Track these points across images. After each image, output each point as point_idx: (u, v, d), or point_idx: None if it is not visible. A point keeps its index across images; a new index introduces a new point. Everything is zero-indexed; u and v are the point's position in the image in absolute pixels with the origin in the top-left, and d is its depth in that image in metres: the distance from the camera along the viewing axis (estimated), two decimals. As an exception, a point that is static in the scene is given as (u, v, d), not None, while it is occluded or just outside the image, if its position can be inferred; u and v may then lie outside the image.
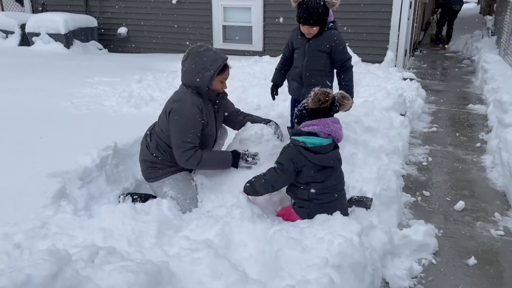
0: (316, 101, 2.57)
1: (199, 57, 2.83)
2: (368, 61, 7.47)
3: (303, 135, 2.63)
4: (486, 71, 6.83)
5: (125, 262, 1.80)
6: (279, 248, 2.16)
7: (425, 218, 3.21)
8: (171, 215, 2.51)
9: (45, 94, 5.17)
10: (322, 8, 3.24)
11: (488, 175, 3.99)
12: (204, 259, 2.06)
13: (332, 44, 3.39)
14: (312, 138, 2.60)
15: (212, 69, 2.82)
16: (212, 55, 2.84)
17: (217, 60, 2.84)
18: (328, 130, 2.59)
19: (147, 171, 3.04)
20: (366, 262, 2.21)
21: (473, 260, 2.73)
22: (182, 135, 2.78)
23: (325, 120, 2.61)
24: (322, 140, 2.60)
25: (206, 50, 2.85)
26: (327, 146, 2.62)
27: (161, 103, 4.78)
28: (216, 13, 8.85)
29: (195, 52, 2.85)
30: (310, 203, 2.62)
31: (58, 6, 9.98)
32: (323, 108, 2.62)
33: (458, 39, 11.06)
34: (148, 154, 2.98)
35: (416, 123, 5.31)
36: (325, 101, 2.58)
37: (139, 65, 7.46)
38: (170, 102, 2.92)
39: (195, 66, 2.82)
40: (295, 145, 2.62)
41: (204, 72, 2.81)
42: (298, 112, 2.72)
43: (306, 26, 3.33)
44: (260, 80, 5.50)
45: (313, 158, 2.57)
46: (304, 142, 2.59)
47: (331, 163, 2.64)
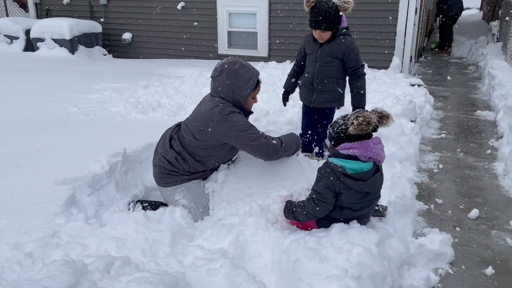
0: (359, 130, 2.35)
1: (234, 75, 2.76)
2: (374, 67, 7.45)
3: (341, 157, 2.44)
4: (493, 77, 6.79)
5: (142, 273, 1.75)
6: (297, 258, 2.11)
7: (439, 226, 3.17)
8: (184, 224, 2.47)
9: (52, 99, 5.14)
10: (334, 13, 3.21)
11: (501, 182, 3.94)
12: (220, 270, 2.02)
13: (344, 50, 3.36)
14: (351, 162, 2.40)
15: (248, 88, 2.79)
16: (247, 73, 2.79)
17: (252, 78, 2.80)
18: (370, 153, 2.39)
19: (160, 176, 2.97)
20: (385, 273, 2.16)
21: (491, 270, 2.68)
22: (247, 130, 2.69)
23: (366, 142, 2.39)
24: (362, 166, 2.41)
25: (240, 67, 2.79)
26: (367, 172, 2.43)
27: (169, 109, 4.76)
28: (221, 18, 8.84)
29: (229, 70, 2.77)
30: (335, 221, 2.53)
31: (62, 12, 9.99)
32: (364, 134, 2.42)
33: (463, 45, 11.04)
34: (165, 161, 2.92)
35: (425, 129, 5.27)
36: (367, 129, 2.36)
37: (144, 70, 7.43)
38: (218, 113, 2.72)
39: (230, 84, 2.76)
40: (333, 170, 2.43)
41: (240, 92, 2.78)
42: (335, 134, 2.49)
43: (318, 31, 3.30)
44: (268, 86, 5.46)
45: (353, 185, 2.40)
46: (343, 167, 2.40)
47: (372, 189, 2.48)
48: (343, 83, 3.55)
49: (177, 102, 4.98)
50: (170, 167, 2.90)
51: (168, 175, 2.92)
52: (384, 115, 2.39)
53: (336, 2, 3.21)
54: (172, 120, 4.11)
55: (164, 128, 3.20)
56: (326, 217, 2.52)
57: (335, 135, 2.49)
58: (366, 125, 2.32)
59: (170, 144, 2.94)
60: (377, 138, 2.47)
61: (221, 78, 2.78)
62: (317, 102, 3.59)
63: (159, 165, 2.96)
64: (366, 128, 2.33)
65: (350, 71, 3.44)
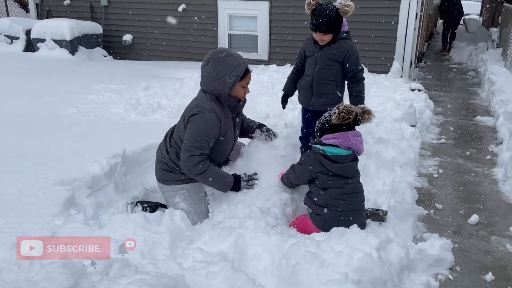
0: (340, 119, 2.63)
1: (220, 63, 2.76)
2: (374, 72, 7.46)
3: (324, 146, 2.69)
4: (493, 83, 6.80)
5: (141, 276, 1.74)
6: (297, 262, 2.10)
7: (439, 231, 3.15)
8: (184, 226, 2.45)
9: (51, 100, 5.14)
10: (335, 15, 3.21)
11: (501, 188, 3.93)
12: (220, 273, 2.00)
13: (345, 54, 3.35)
14: (332, 148, 2.67)
15: (234, 75, 2.76)
16: (233, 61, 2.78)
17: (239, 66, 2.78)
18: (348, 143, 2.65)
19: (162, 172, 2.96)
20: (386, 278, 2.15)
21: (491, 276, 2.67)
22: (194, 139, 2.71)
23: (346, 133, 2.67)
24: (341, 151, 2.67)
25: (227, 56, 2.79)
26: (345, 156, 2.67)
27: (169, 111, 4.76)
28: (222, 21, 8.84)
29: (215, 58, 2.78)
30: (327, 210, 2.60)
31: (63, 13, 9.99)
32: (345, 123, 2.67)
33: (462, 50, 11.06)
34: (168, 159, 2.91)
35: (424, 134, 5.26)
36: (348, 118, 2.63)
37: (144, 72, 7.43)
38: (189, 109, 2.85)
39: (215, 72, 2.76)
40: (314, 152, 2.71)
41: (225, 79, 2.75)
42: (320, 125, 2.79)
43: (319, 33, 3.30)
44: (268, 89, 5.46)
45: (330, 166, 2.64)
46: (323, 150, 2.66)
47: (347, 173, 2.68)
48: (342, 87, 3.54)
49: (177, 104, 4.97)
50: (172, 165, 2.89)
51: (168, 171, 2.91)
52: (365, 110, 2.64)
53: (337, 5, 3.21)
54: (172, 122, 4.08)
55: (164, 130, 3.20)
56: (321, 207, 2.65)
57: (321, 126, 2.77)
58: (347, 113, 2.60)
59: (170, 144, 2.94)
60: (357, 131, 2.73)
61: (208, 68, 2.78)
62: (316, 105, 3.58)
63: (161, 160, 2.96)
64: (347, 117, 2.61)
65: (349, 75, 3.43)
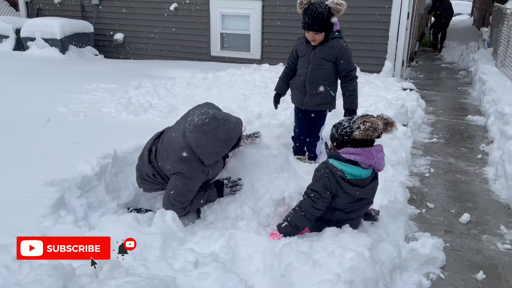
0: (365, 136, 2.33)
1: (216, 137, 2.68)
2: (366, 71, 7.47)
3: (341, 160, 2.40)
4: (484, 83, 6.84)
5: (132, 278, 1.72)
6: (289, 263, 2.09)
7: (431, 230, 3.17)
8: (175, 227, 2.43)
9: (41, 99, 5.07)
10: (327, 14, 3.21)
11: (491, 187, 3.95)
12: (212, 274, 1.99)
13: (337, 53, 3.36)
14: (352, 167, 2.38)
15: (226, 149, 2.77)
16: (226, 135, 2.71)
17: (231, 140, 2.75)
18: (371, 161, 2.36)
19: (140, 180, 3.02)
20: (377, 277, 2.15)
21: (482, 275, 2.69)
22: (178, 194, 2.72)
23: (369, 150, 2.37)
24: (362, 172, 2.40)
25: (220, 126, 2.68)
26: (366, 179, 2.43)
27: (160, 110, 4.72)
28: (214, 20, 8.81)
29: (213, 130, 2.67)
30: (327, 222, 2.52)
31: (53, 11, 9.89)
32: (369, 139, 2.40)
33: (454, 50, 11.14)
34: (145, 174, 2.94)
35: (416, 133, 5.28)
36: (373, 135, 2.35)
37: (136, 71, 7.37)
38: (178, 160, 2.72)
39: (208, 149, 2.70)
40: (332, 172, 2.41)
41: (218, 153, 2.74)
42: (338, 136, 2.46)
43: (311, 32, 3.30)
44: (261, 89, 5.44)
45: (349, 189, 2.40)
46: (342, 171, 2.38)
47: (367, 195, 2.50)
48: (335, 86, 3.54)
49: (169, 103, 4.93)
50: (148, 178, 2.92)
51: (146, 181, 2.93)
52: (389, 122, 2.36)
53: (329, 4, 3.20)
54: (164, 122, 4.08)
55: (156, 129, 3.17)
56: (319, 218, 2.50)
57: (339, 136, 2.45)
58: (373, 131, 2.30)
59: (148, 158, 2.91)
60: (380, 146, 2.46)
61: (205, 138, 2.68)
62: (309, 104, 3.58)
63: (139, 170, 2.99)
64: (371, 134, 2.32)
65: (342, 74, 3.44)
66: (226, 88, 5.60)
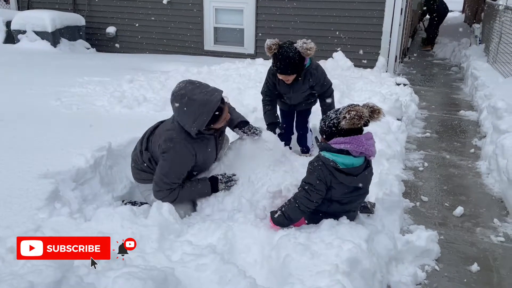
0: (351, 124, 2.35)
1: (194, 103, 2.62)
2: (360, 66, 7.48)
3: (333, 151, 2.43)
4: (476, 78, 6.89)
5: (130, 269, 1.71)
6: (287, 254, 2.09)
7: (425, 223, 3.19)
8: (172, 219, 2.42)
9: (33, 92, 5.02)
10: (297, 58, 3.27)
11: (484, 181, 3.99)
12: (210, 265, 1.98)
13: (312, 83, 3.52)
14: (343, 157, 2.39)
15: (207, 114, 2.65)
16: (204, 96, 2.64)
17: (211, 102, 2.64)
18: (362, 148, 2.38)
19: (136, 171, 2.99)
20: (375, 268, 2.16)
21: (476, 267, 2.71)
22: (164, 176, 2.71)
23: (359, 137, 2.39)
24: (354, 160, 2.41)
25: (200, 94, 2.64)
26: (358, 167, 2.44)
27: (155, 104, 4.69)
28: (207, 14, 8.76)
29: (190, 96, 2.63)
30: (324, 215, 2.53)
31: (45, 4, 9.74)
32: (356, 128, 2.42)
33: (446, 46, 11.19)
34: (141, 161, 2.91)
35: (410, 128, 5.31)
36: (359, 123, 2.36)
37: (128, 65, 7.31)
38: (164, 140, 2.72)
39: (188, 113, 2.64)
40: (325, 164, 2.42)
41: (200, 118, 2.65)
42: (326, 128, 2.49)
43: (283, 75, 3.35)
44: (255, 83, 5.43)
45: (344, 179, 2.41)
46: (335, 161, 2.39)
47: (360, 185, 2.50)
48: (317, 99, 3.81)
49: (163, 97, 4.90)
50: (143, 167, 2.90)
51: (142, 171, 2.92)
52: (375, 109, 2.39)
53: (298, 48, 3.23)
54: (158, 116, 4.05)
55: (150, 123, 3.15)
56: (315, 211, 2.51)
57: (327, 129, 2.48)
58: (358, 119, 2.32)
59: (146, 145, 2.91)
60: (369, 133, 2.48)
61: (180, 107, 2.66)
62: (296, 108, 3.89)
63: (135, 160, 2.96)
64: (358, 122, 2.34)
65: (319, 93, 3.64)
66: (221, 82, 5.58)
